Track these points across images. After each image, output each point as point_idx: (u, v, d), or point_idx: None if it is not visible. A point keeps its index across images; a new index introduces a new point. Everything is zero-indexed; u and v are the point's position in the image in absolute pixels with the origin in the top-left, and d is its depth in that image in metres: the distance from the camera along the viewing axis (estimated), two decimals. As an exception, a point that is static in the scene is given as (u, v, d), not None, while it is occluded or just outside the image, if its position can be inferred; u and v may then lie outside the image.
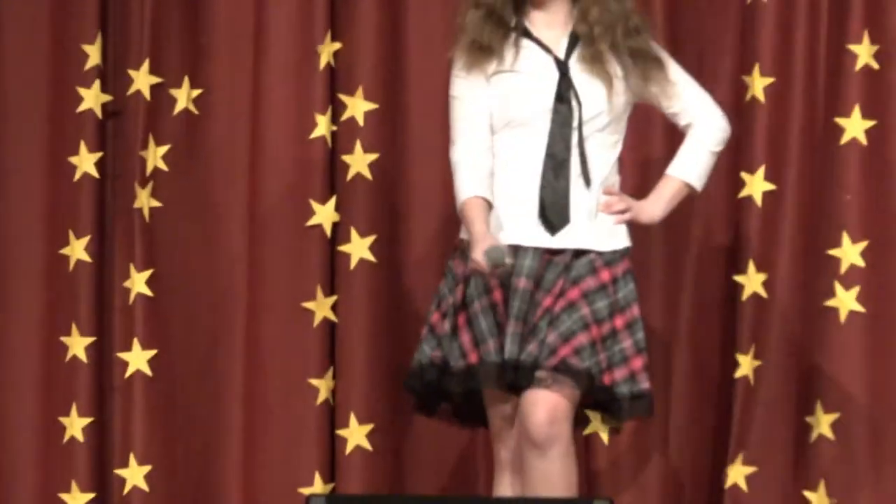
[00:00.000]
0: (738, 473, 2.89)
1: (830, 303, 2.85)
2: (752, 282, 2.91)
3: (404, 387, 2.58)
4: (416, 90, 2.96)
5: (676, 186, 2.56)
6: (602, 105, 2.50)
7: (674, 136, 2.59)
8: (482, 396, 2.51)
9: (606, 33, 2.53)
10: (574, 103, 2.48)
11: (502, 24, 2.54)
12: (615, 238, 2.50)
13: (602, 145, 2.49)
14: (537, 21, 2.54)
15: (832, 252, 2.85)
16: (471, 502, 2.82)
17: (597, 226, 2.51)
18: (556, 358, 2.44)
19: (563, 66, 2.50)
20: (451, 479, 2.96)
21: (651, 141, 2.88)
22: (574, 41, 2.52)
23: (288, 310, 2.97)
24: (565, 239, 2.45)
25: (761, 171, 2.87)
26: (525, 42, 2.51)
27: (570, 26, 2.54)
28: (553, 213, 2.49)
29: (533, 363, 2.45)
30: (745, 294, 2.91)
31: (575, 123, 2.50)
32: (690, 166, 2.56)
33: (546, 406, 2.45)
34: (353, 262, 2.93)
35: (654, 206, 2.55)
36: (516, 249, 2.51)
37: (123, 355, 2.93)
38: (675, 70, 2.59)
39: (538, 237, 2.46)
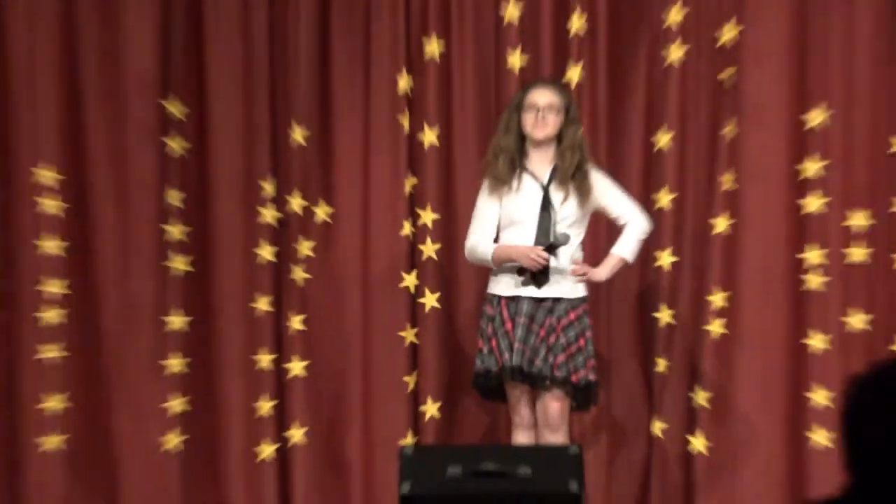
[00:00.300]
0: (657, 428, 4.13)
1: (707, 328, 4.10)
2: (664, 316, 4.13)
3: (472, 386, 3.81)
4: (462, 207, 4.12)
5: (616, 260, 3.69)
6: (568, 212, 3.60)
7: (614, 229, 3.76)
8: (508, 384, 3.66)
9: (569, 168, 3.61)
10: (551, 211, 3.58)
11: (513, 163, 3.66)
12: (578, 291, 3.62)
13: (571, 235, 3.59)
14: (534, 158, 3.65)
15: (709, 298, 4.11)
16: (498, 448, 3.86)
17: (566, 283, 3.60)
18: (552, 371, 3.57)
19: (545, 189, 3.61)
20: (486, 435, 4.17)
21: (600, 232, 3.98)
22: (554, 172, 3.63)
23: (388, 336, 4.21)
24: (547, 291, 3.57)
25: (669, 250, 4.13)
26: (525, 175, 3.62)
27: (553, 162, 3.65)
28: (540, 276, 3.62)
29: (539, 373, 3.58)
30: (661, 324, 4.15)
31: (552, 223, 3.57)
32: (626, 248, 3.70)
33: (558, 406, 3.63)
34: (427, 308, 4.17)
35: (602, 272, 3.67)
36: (517, 300, 3.66)
37: (288, 365, 4.19)
38: (616, 191, 3.75)
39: (532, 291, 3.62)
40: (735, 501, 4.20)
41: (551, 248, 3.54)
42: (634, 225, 3.78)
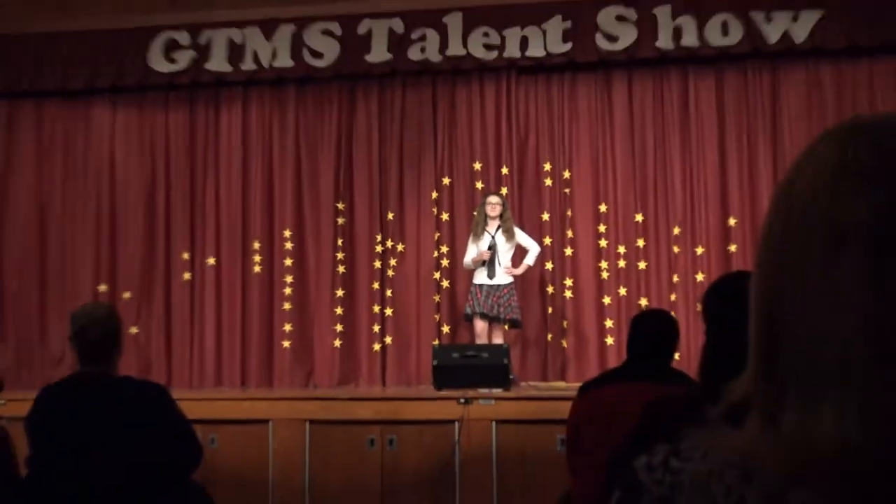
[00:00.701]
0: (549, 337, 5.63)
1: (565, 294, 5.71)
2: (550, 289, 5.67)
3: (463, 318, 5.33)
4: (459, 246, 5.62)
5: (525, 266, 5.23)
6: (504, 245, 5.19)
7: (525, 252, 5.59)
8: (476, 318, 5.24)
9: (506, 226, 5.23)
10: (497, 246, 5.28)
11: (484, 226, 5.24)
12: (508, 279, 5.19)
13: (505, 256, 5.22)
14: (490, 225, 5.23)
15: (564, 282, 5.69)
16: (473, 345, 4.97)
17: (504, 277, 5.19)
18: (498, 314, 5.13)
19: (493, 237, 5.22)
20: (468, 340, 5.43)
21: (520, 254, 5.49)
22: (498, 228, 5.21)
23: (428, 299, 5.77)
24: (495, 280, 5.14)
25: (550, 262, 5.64)
26: (486, 232, 5.24)
27: (497, 226, 5.28)
28: (491, 273, 5.18)
29: (493, 315, 5.12)
30: (549, 293, 5.64)
31: (494, 247, 5.21)
32: (529, 259, 5.22)
33: (500, 329, 5.18)
34: (444, 287, 5.75)
35: (518, 270, 5.21)
36: (483, 285, 5.20)
37: (386, 311, 5.78)
38: (525, 235, 5.28)
39: (488, 280, 5.20)
40: (580, 363, 5.65)
41: (491, 248, 5.18)
42: (533, 250, 5.37)
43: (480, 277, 5.30)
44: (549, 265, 5.79)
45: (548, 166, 5.85)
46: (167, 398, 2.55)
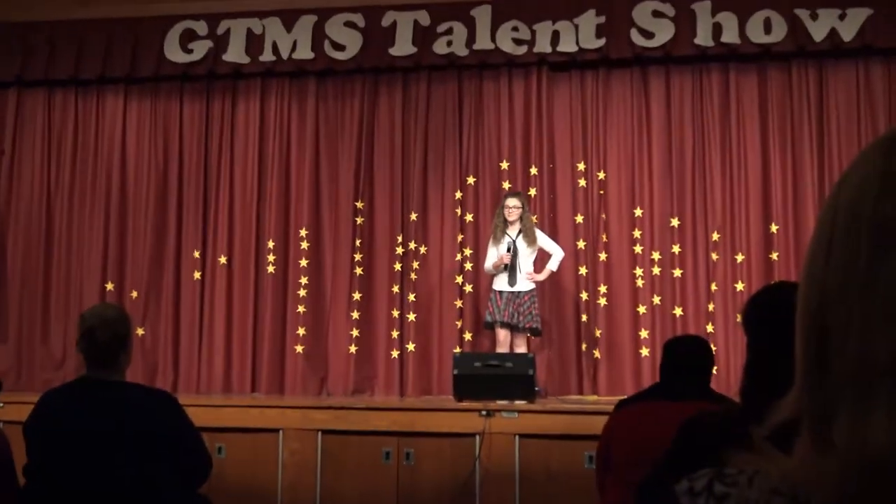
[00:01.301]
0: (583, 346, 5.47)
1: (599, 301, 5.53)
2: (584, 295, 5.50)
3: (483, 326, 5.19)
4: (481, 249, 5.47)
5: (548, 271, 5.07)
6: (525, 249, 4.98)
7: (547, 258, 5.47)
8: (497, 326, 5.07)
9: (526, 228, 5.02)
10: (516, 249, 5.01)
11: (503, 230, 5.07)
12: (529, 286, 5.01)
13: (527, 261, 5.02)
14: (509, 228, 5.04)
15: (599, 289, 5.51)
16: (496, 354, 4.84)
17: (525, 283, 5.01)
18: (519, 321, 4.98)
19: (513, 240, 5.00)
20: (489, 348, 5.36)
21: (543, 259, 5.33)
22: (519, 231, 5.03)
23: (450, 305, 5.63)
24: (516, 287, 4.97)
25: (584, 267, 5.49)
26: (505, 235, 5.04)
27: (518, 229, 5.08)
28: (512, 280, 5.02)
29: (514, 323, 4.96)
30: (583, 299, 5.48)
31: (514, 250, 4.95)
32: (552, 265, 5.08)
33: (522, 337, 5.04)
34: (466, 292, 5.63)
35: (541, 276, 5.05)
36: (503, 291, 5.02)
37: (408, 315, 5.68)
38: (547, 239, 5.11)
39: (508, 287, 5.02)
40: (613, 375, 5.51)
41: (509, 250, 5.03)
42: (556, 255, 5.24)
43: (500, 284, 5.19)
44: (582, 270, 5.66)
45: (581, 166, 5.74)
46: (176, 406, 2.49)
